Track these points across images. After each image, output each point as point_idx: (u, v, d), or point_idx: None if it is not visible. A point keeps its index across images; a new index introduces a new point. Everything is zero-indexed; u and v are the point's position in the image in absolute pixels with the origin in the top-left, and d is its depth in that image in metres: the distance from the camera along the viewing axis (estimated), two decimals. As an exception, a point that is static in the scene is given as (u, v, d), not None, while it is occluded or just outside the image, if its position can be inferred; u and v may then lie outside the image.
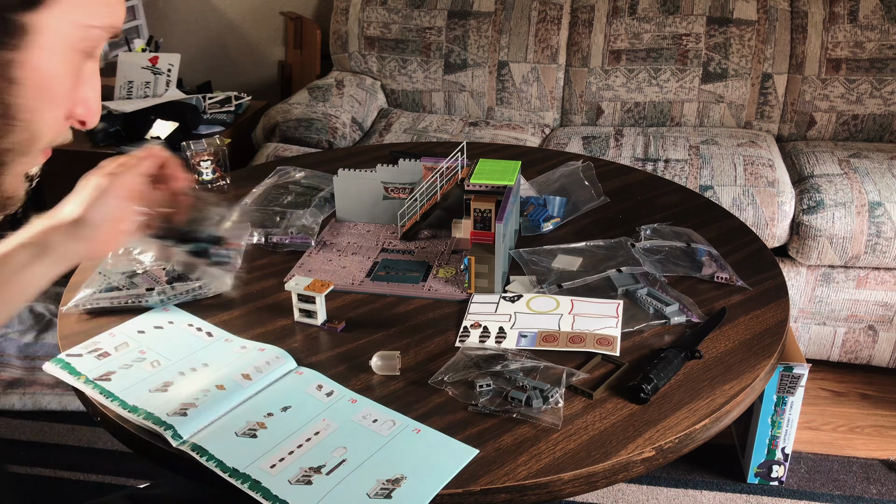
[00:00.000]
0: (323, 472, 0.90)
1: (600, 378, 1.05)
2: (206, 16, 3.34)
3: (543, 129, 2.73)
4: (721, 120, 2.66)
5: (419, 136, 2.59)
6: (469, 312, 1.21)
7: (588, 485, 0.92)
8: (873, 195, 2.11)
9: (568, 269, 1.32)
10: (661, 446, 0.94)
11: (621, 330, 1.15)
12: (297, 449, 0.93)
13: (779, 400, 1.80)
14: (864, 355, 2.26)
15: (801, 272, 2.19)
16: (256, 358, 1.09)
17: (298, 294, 1.18)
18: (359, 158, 1.84)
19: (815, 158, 2.34)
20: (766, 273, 1.31)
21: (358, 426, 0.97)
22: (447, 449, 0.93)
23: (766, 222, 2.14)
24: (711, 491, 1.90)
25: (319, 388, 1.04)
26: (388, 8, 2.82)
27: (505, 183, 1.30)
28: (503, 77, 2.76)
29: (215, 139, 1.67)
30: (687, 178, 2.25)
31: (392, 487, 0.87)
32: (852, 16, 2.53)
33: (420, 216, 1.41)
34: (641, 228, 1.43)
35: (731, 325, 1.17)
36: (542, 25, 2.72)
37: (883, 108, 2.53)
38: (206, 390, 1.02)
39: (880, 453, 2.02)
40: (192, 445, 0.94)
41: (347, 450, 0.93)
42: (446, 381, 1.04)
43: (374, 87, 2.86)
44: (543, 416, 0.98)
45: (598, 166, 1.72)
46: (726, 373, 1.06)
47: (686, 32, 2.62)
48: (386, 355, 1.08)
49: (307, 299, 1.18)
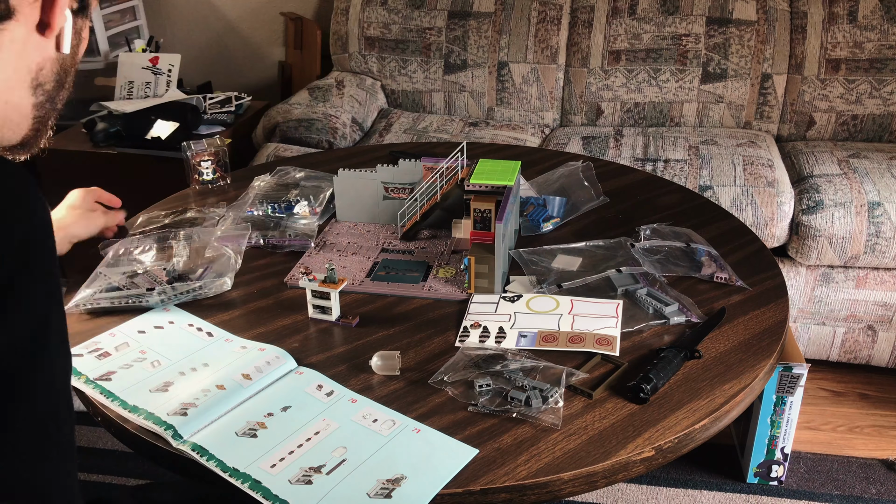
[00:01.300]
0: (323, 471, 0.90)
1: (600, 378, 1.05)
2: (207, 16, 3.34)
3: (543, 129, 2.73)
4: (720, 120, 2.66)
5: (419, 136, 2.59)
6: (469, 312, 1.21)
7: (588, 484, 0.92)
8: (873, 195, 2.11)
9: (568, 269, 1.32)
10: (660, 446, 0.94)
11: (621, 330, 1.15)
12: (298, 449, 0.94)
13: (778, 400, 1.80)
14: (863, 355, 2.26)
15: (800, 272, 2.19)
16: (256, 358, 1.09)
17: (313, 290, 1.19)
18: (359, 158, 1.84)
19: (815, 158, 2.34)
20: (765, 273, 1.31)
21: (358, 426, 0.97)
22: (447, 449, 0.94)
23: (766, 222, 2.14)
24: (711, 491, 1.90)
25: (319, 387, 1.05)
26: (388, 8, 2.83)
27: (505, 183, 1.30)
28: (503, 77, 2.76)
29: (216, 139, 1.67)
30: (686, 179, 2.25)
31: (392, 487, 0.88)
32: (852, 16, 2.53)
33: (420, 216, 1.41)
34: (641, 229, 1.43)
35: (730, 325, 1.17)
36: (542, 26, 2.72)
37: (882, 108, 2.53)
38: (206, 390, 1.02)
39: (879, 453, 2.03)
40: (192, 445, 0.94)
41: (347, 449, 0.93)
42: (446, 381, 1.05)
43: (374, 88, 2.87)
44: (543, 416, 0.98)
45: (598, 166, 1.72)
46: (726, 373, 1.06)
47: (686, 33, 2.62)
48: (386, 355, 1.08)
49: (322, 295, 1.18)
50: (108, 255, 1.34)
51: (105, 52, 2.99)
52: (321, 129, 2.48)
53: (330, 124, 2.51)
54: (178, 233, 1.40)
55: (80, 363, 1.10)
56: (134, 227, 1.49)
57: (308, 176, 1.66)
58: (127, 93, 2.75)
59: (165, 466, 0.97)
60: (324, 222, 1.52)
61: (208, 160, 1.65)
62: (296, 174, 1.67)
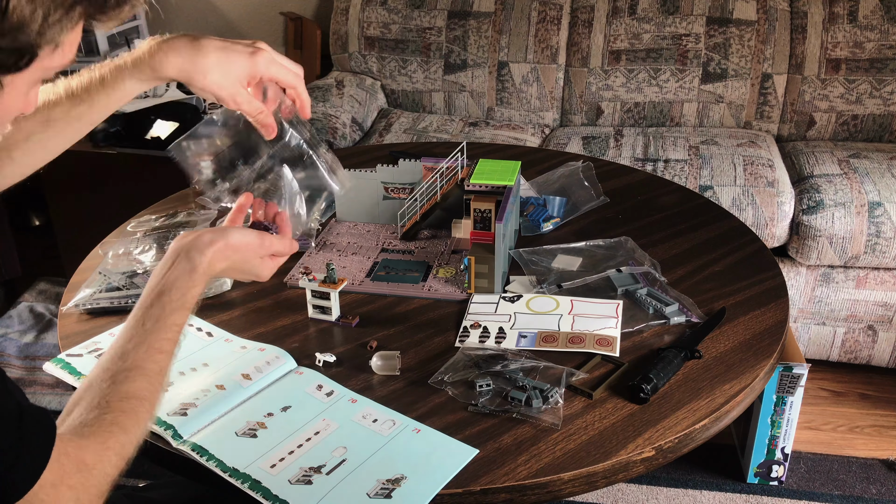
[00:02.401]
0: (323, 471, 0.90)
1: (600, 378, 1.05)
2: (206, 16, 3.34)
3: (543, 129, 2.73)
4: (721, 120, 2.66)
5: (419, 136, 2.59)
6: (469, 312, 1.21)
7: (588, 484, 0.92)
8: (873, 195, 2.11)
9: (568, 269, 1.32)
10: (660, 446, 0.94)
11: (621, 330, 1.15)
12: (298, 449, 0.93)
13: (778, 400, 1.80)
14: (863, 355, 2.26)
15: (800, 272, 2.19)
16: (256, 358, 1.09)
17: (313, 290, 1.19)
18: (359, 158, 1.84)
19: (815, 158, 2.34)
20: (765, 273, 1.31)
21: (358, 426, 0.97)
22: (447, 449, 0.93)
23: (766, 222, 2.14)
24: (711, 491, 1.90)
25: (319, 388, 1.04)
26: (388, 8, 2.82)
27: (505, 183, 1.30)
28: (503, 77, 2.76)
29: (215, 139, 1.67)
30: (687, 179, 2.25)
31: (392, 487, 0.87)
32: (852, 16, 2.53)
33: (420, 216, 1.41)
34: None
35: (730, 325, 1.17)
36: (542, 25, 2.72)
37: (882, 108, 2.53)
38: (206, 390, 1.02)
39: (880, 453, 2.03)
40: (192, 445, 0.94)
41: (347, 450, 0.93)
42: (446, 381, 1.05)
43: (374, 88, 2.87)
44: (543, 416, 0.98)
45: (598, 166, 1.72)
46: (726, 373, 1.06)
47: (686, 33, 2.62)
48: (386, 355, 1.08)
49: (321, 295, 1.18)
50: (108, 256, 1.34)
51: (105, 52, 2.99)
52: (321, 129, 2.48)
53: (330, 124, 2.51)
54: (178, 233, 1.40)
55: (80, 363, 1.10)
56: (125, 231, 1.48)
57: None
58: (127, 93, 2.75)
59: (165, 466, 0.97)
60: (324, 222, 1.52)
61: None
62: (296, 174, 1.66)
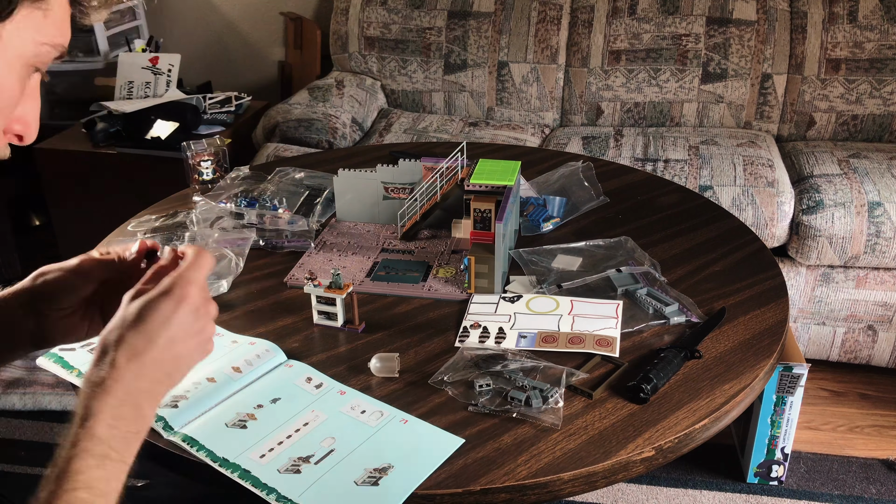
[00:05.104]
0: (311, 461, 0.91)
1: (600, 378, 1.05)
2: (207, 16, 3.34)
3: (543, 129, 2.73)
4: (721, 120, 2.66)
5: (419, 136, 2.59)
6: (469, 312, 1.21)
7: (588, 484, 0.92)
8: (873, 195, 2.11)
9: (568, 269, 1.32)
10: (660, 446, 0.94)
11: (621, 330, 1.15)
12: (287, 439, 0.95)
13: (778, 400, 1.80)
14: (863, 355, 2.26)
15: (800, 272, 2.19)
16: (247, 351, 1.10)
17: (318, 296, 1.18)
18: (359, 158, 1.84)
19: (815, 158, 2.34)
20: (765, 273, 1.31)
21: (346, 417, 0.99)
22: (433, 438, 0.95)
23: (766, 222, 2.14)
24: (711, 491, 1.90)
25: (309, 380, 1.06)
26: (388, 8, 2.82)
27: (505, 183, 1.30)
28: (503, 77, 2.76)
29: (215, 139, 1.67)
30: (686, 179, 2.25)
31: (379, 476, 0.89)
32: (852, 16, 2.53)
33: (420, 216, 1.41)
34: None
35: (730, 325, 1.17)
36: (542, 26, 2.72)
37: (882, 108, 2.53)
38: (197, 383, 1.03)
39: (880, 453, 2.03)
40: (182, 436, 0.95)
41: (336, 440, 0.95)
42: (446, 381, 1.05)
43: (374, 88, 2.87)
44: (543, 416, 0.98)
45: (598, 166, 1.72)
46: (726, 373, 1.06)
47: (686, 33, 2.62)
48: (385, 357, 1.07)
49: (327, 301, 1.18)
50: None
51: (105, 52, 2.99)
52: (321, 129, 2.48)
53: (330, 124, 2.51)
54: (183, 234, 1.40)
55: (73, 357, 1.10)
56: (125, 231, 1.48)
57: (308, 176, 1.66)
58: (127, 93, 2.75)
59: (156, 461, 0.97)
60: (324, 222, 1.52)
61: (208, 160, 1.65)
62: (296, 174, 1.67)
